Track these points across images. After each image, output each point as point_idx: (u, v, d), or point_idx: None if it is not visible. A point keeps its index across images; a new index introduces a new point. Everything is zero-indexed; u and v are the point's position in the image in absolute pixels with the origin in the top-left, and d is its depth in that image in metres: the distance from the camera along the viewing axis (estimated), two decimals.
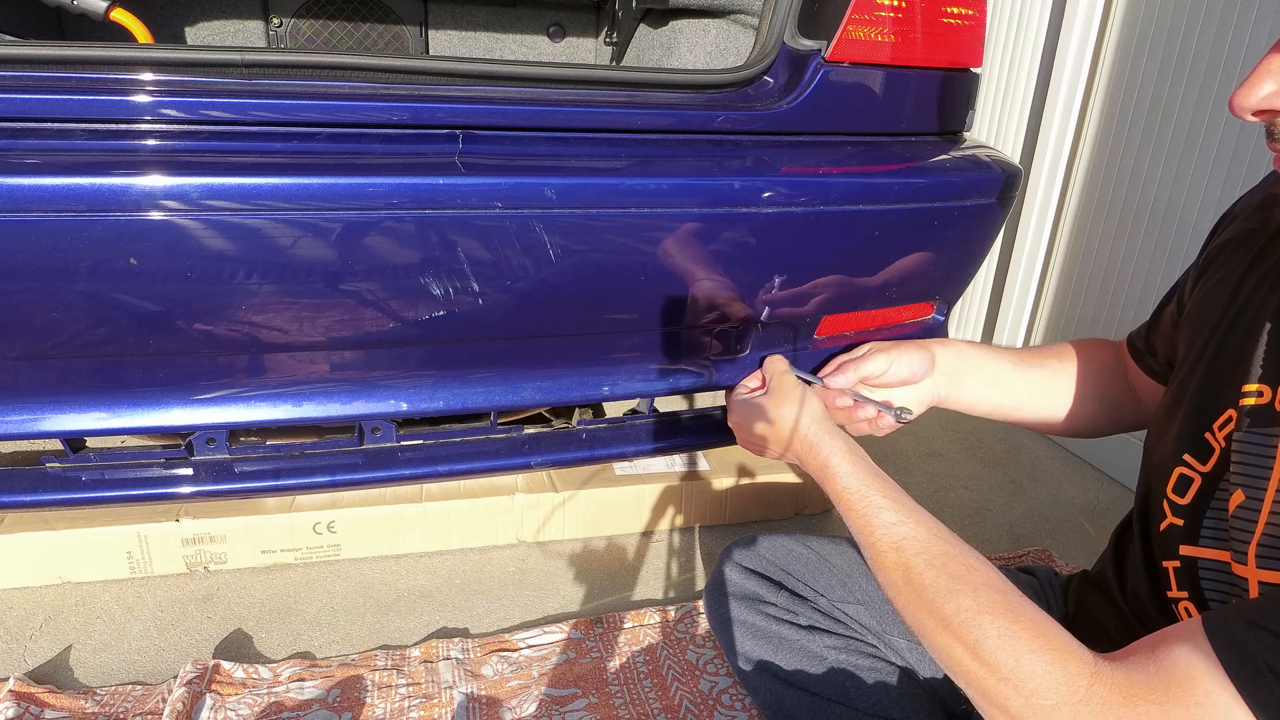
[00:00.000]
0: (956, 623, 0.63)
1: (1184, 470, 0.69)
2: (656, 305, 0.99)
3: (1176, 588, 0.70)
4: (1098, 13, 1.82)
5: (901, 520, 0.73)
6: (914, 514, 0.74)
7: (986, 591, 0.64)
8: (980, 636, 0.61)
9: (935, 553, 0.69)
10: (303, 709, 1.05)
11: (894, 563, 0.71)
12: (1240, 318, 0.69)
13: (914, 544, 0.71)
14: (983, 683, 0.60)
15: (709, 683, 1.13)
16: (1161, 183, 1.71)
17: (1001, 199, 1.11)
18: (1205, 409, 0.69)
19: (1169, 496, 0.71)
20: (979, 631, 0.61)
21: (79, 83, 0.80)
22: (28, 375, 0.89)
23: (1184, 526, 0.68)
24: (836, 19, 0.98)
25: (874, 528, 0.74)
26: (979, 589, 0.64)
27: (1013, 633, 0.60)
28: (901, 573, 0.70)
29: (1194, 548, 0.67)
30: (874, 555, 0.73)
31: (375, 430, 1.07)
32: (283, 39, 1.90)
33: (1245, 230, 0.74)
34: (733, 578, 1.00)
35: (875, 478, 0.80)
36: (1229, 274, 0.73)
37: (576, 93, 0.95)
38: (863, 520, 0.76)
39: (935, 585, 0.66)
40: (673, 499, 1.49)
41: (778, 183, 0.95)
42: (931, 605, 0.65)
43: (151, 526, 1.28)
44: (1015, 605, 0.63)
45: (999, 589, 0.65)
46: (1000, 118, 2.16)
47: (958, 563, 0.68)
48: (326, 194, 0.80)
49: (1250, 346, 0.65)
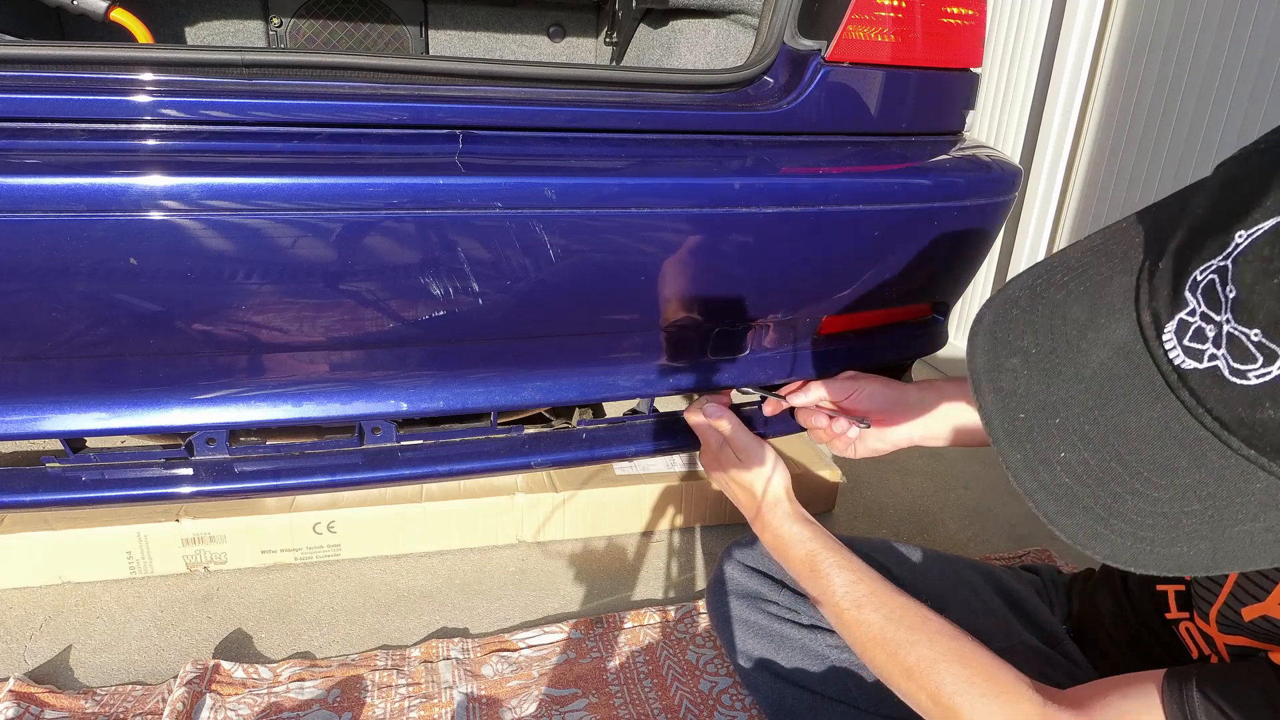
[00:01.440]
0: (918, 671, 0.68)
1: None
2: (656, 305, 0.99)
3: (1176, 609, 0.72)
4: (1098, 13, 1.82)
5: (857, 580, 0.78)
6: (866, 573, 0.79)
7: (941, 640, 0.69)
8: (939, 683, 0.66)
9: (892, 607, 0.74)
10: (303, 709, 1.05)
11: (855, 620, 0.75)
12: None
13: (872, 600, 0.75)
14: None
15: (709, 683, 1.13)
16: (1161, 183, 1.71)
17: (1001, 199, 1.11)
18: None
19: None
20: (938, 679, 0.66)
21: (79, 83, 0.80)
22: (28, 375, 0.89)
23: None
24: (836, 19, 0.98)
25: (834, 589, 0.78)
26: (934, 638, 0.69)
27: (966, 678, 0.65)
28: (863, 629, 0.74)
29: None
30: (836, 615, 0.77)
31: (375, 430, 1.07)
32: (283, 39, 1.90)
33: None
34: (734, 576, 1.00)
35: (829, 543, 0.84)
36: None
37: (576, 93, 0.95)
38: (824, 583, 0.79)
39: (895, 638, 0.71)
40: (673, 499, 1.49)
41: (778, 183, 0.95)
42: (894, 657, 0.70)
43: (151, 526, 1.28)
44: (968, 652, 0.67)
45: (952, 636, 0.69)
46: (1000, 118, 2.16)
47: (913, 614, 0.72)
48: (326, 194, 0.80)
49: None
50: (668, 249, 0.94)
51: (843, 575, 0.78)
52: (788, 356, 1.15)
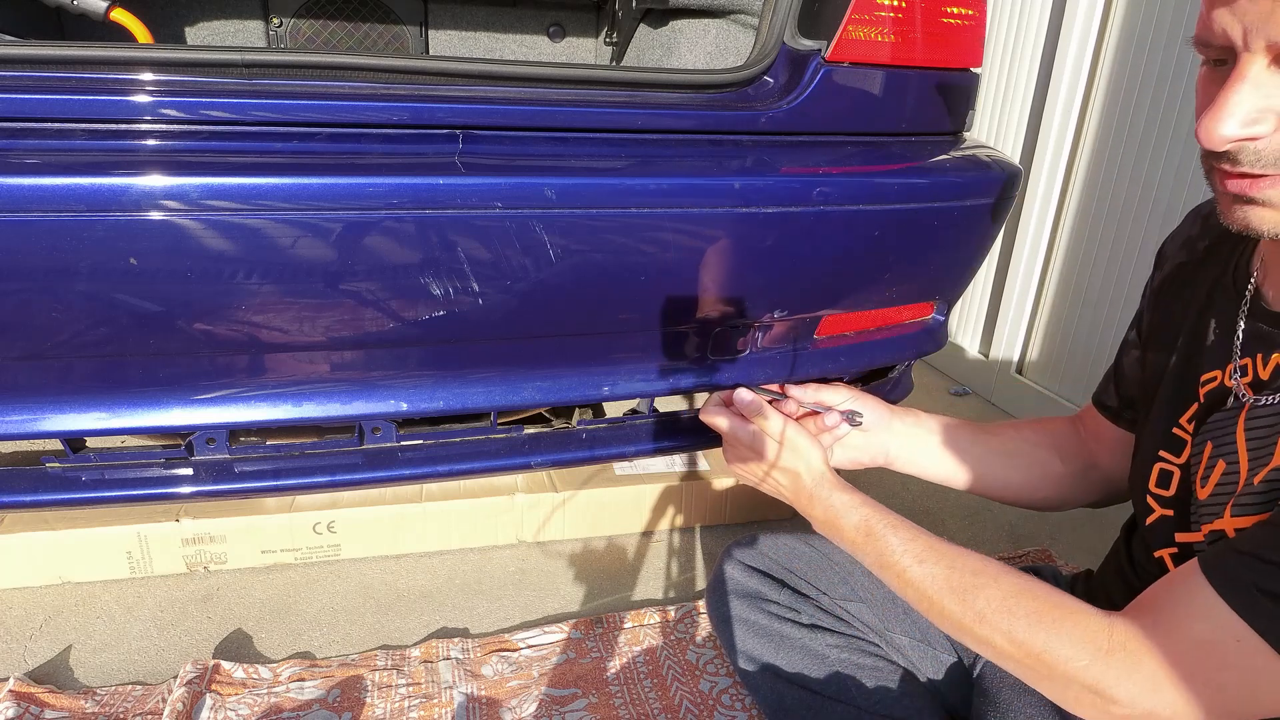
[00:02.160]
0: (989, 613, 0.68)
1: (1163, 465, 0.75)
2: (656, 305, 0.99)
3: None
4: (1098, 13, 1.82)
5: (913, 537, 0.78)
6: (918, 529, 0.79)
7: (1006, 578, 0.70)
8: (1011, 622, 0.67)
9: (952, 556, 0.74)
10: (303, 709, 1.05)
11: (921, 574, 0.75)
12: (1190, 327, 0.77)
13: (931, 553, 0.75)
14: (1026, 663, 0.66)
15: (709, 683, 1.13)
16: (1161, 183, 1.71)
17: (1001, 199, 1.11)
18: (1173, 408, 0.75)
19: (1152, 491, 0.75)
20: (1009, 617, 0.67)
21: (79, 83, 0.80)
22: (28, 375, 0.89)
23: (1174, 517, 0.72)
24: (836, 19, 0.98)
25: (893, 548, 0.78)
26: (999, 578, 0.70)
27: (1035, 611, 0.66)
28: (931, 581, 0.74)
29: (1188, 534, 0.71)
30: (899, 573, 0.77)
31: (375, 430, 1.07)
32: (283, 39, 1.90)
33: (1177, 264, 0.83)
34: (734, 576, 1.00)
35: (877, 506, 0.83)
36: (1173, 301, 0.82)
37: (576, 93, 0.95)
38: (880, 544, 0.79)
39: (963, 584, 0.71)
40: (673, 499, 1.49)
41: (778, 183, 0.95)
42: (965, 602, 0.70)
43: (151, 526, 1.28)
44: (1031, 586, 0.69)
45: (1013, 574, 0.71)
46: (1000, 118, 2.16)
47: (973, 560, 0.73)
48: (326, 194, 0.80)
49: (1200, 345, 0.74)
50: (668, 249, 0.94)
51: (898, 534, 0.78)
52: (788, 356, 1.15)
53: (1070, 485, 0.95)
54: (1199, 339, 0.75)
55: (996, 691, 0.81)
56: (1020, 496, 0.97)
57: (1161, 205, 1.71)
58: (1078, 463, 0.95)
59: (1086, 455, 0.95)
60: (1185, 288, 0.81)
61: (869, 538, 0.80)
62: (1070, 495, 0.96)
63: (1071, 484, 0.95)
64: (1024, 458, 0.96)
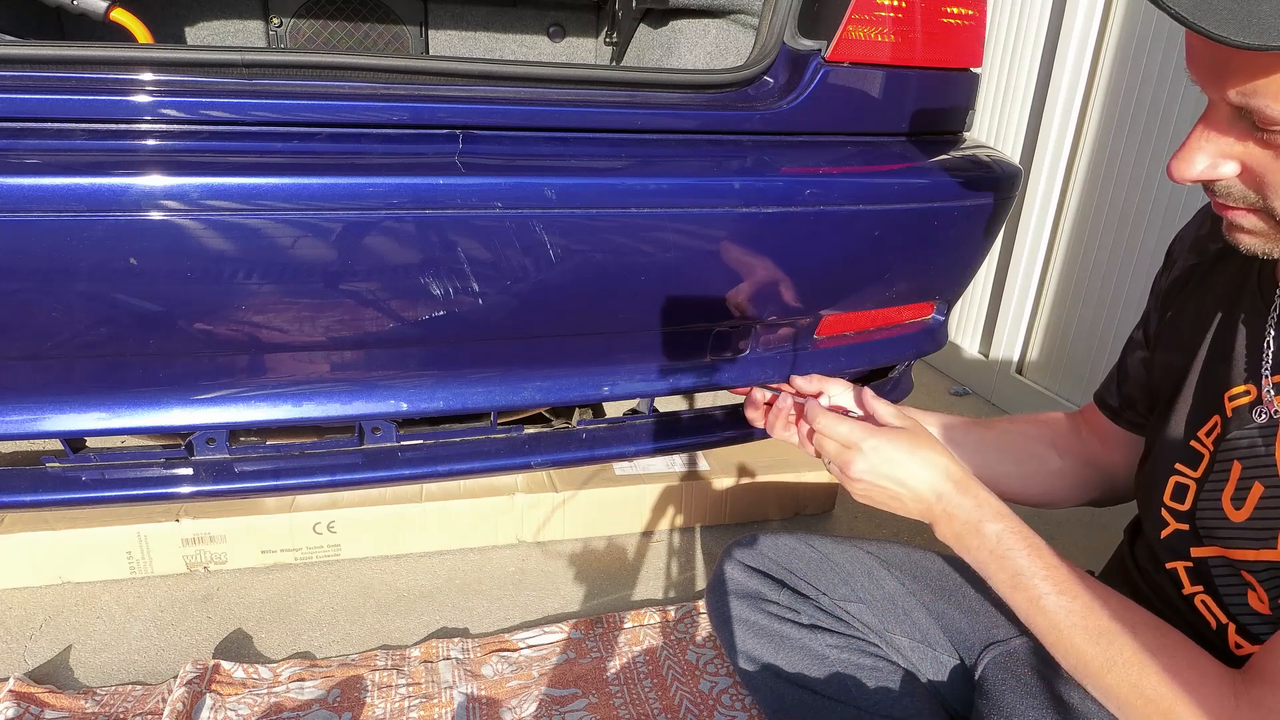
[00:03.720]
0: (1120, 664, 0.65)
1: (1178, 479, 0.73)
2: (656, 305, 0.99)
3: (1190, 584, 0.72)
4: (1098, 13, 1.82)
5: (1056, 565, 0.71)
6: (1056, 556, 0.73)
7: (1145, 631, 0.66)
8: (1141, 678, 0.64)
9: (1093, 593, 0.69)
10: (303, 709, 1.05)
11: (1055, 606, 0.69)
12: (1214, 336, 0.74)
13: (1072, 585, 0.70)
14: (1149, 717, 0.64)
15: (709, 683, 1.13)
16: (1161, 183, 1.71)
17: (1001, 199, 1.11)
18: (1192, 420, 0.73)
19: (1168, 505, 0.74)
20: (1141, 673, 0.64)
21: (79, 83, 0.80)
22: (28, 375, 0.89)
23: (1188, 531, 0.71)
24: (836, 19, 0.98)
25: (1026, 573, 0.71)
26: (1137, 628, 0.66)
27: (1170, 669, 0.63)
28: (1064, 616, 0.69)
29: (1201, 548, 0.70)
30: (1030, 601, 0.71)
31: (375, 430, 1.07)
32: (283, 39, 1.90)
33: (1188, 265, 0.81)
34: (734, 576, 1.00)
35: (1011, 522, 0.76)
36: (1186, 303, 0.79)
37: (576, 93, 0.95)
38: (1014, 566, 0.72)
39: (1099, 627, 0.67)
40: (673, 499, 1.49)
41: (778, 183, 0.95)
42: (1096, 647, 0.67)
43: (151, 526, 1.28)
44: (1167, 643, 0.65)
45: (1152, 626, 0.67)
46: (1000, 118, 2.16)
47: (1114, 602, 0.68)
48: (326, 194, 0.80)
49: (1226, 357, 0.70)
50: (668, 249, 0.94)
51: (1040, 559, 0.72)
52: (788, 356, 1.15)
53: (1067, 481, 0.95)
54: (1224, 350, 0.72)
55: (999, 694, 0.81)
56: (1016, 491, 0.97)
57: (1161, 205, 1.71)
58: (1075, 458, 0.95)
59: (1084, 452, 0.95)
60: (1199, 290, 0.79)
61: (1004, 557, 0.73)
62: (1067, 492, 0.96)
63: (1068, 480, 0.95)
64: (1020, 450, 0.96)
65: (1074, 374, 1.98)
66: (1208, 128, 0.56)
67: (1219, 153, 0.56)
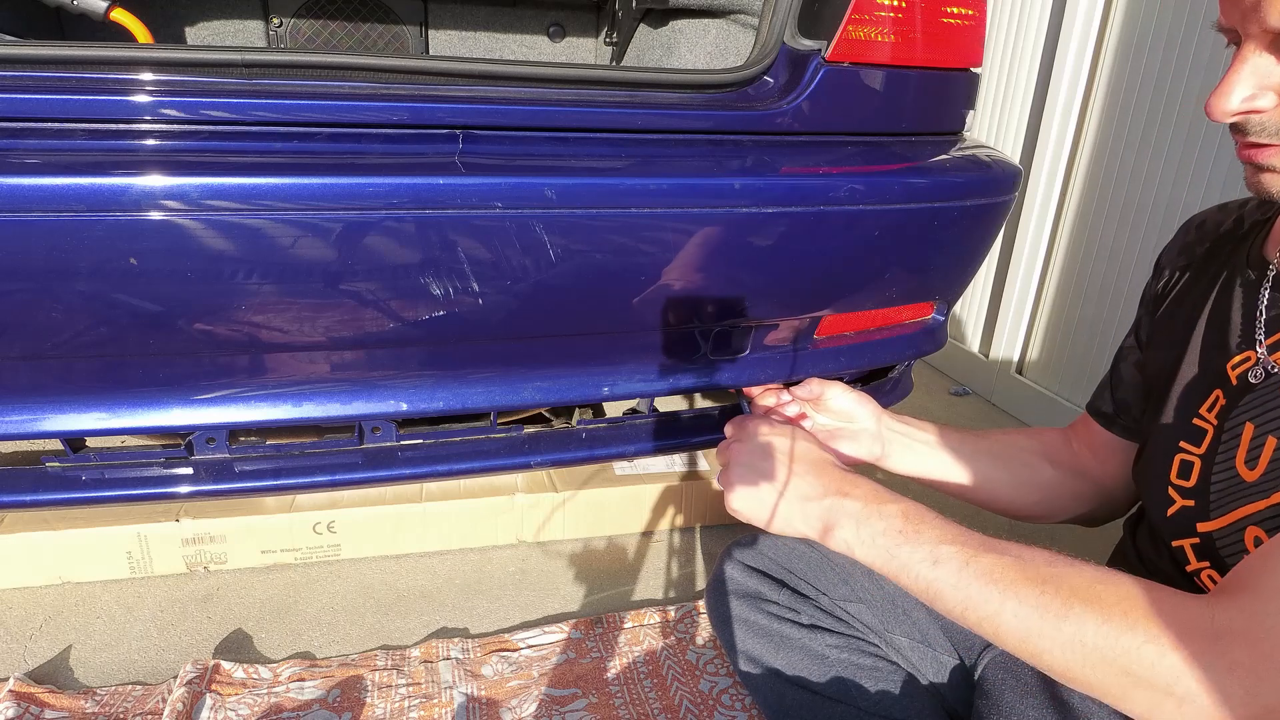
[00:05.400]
0: (1077, 602, 0.60)
1: (1183, 457, 0.74)
2: (656, 305, 0.99)
3: (1195, 560, 0.73)
4: (1098, 13, 1.82)
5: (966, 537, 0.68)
6: (971, 533, 0.69)
7: (1085, 568, 0.62)
8: (1101, 609, 0.59)
9: (1019, 548, 0.66)
10: (303, 709, 1.05)
11: (990, 563, 0.65)
12: (1209, 322, 0.76)
13: (996, 545, 0.66)
14: (1120, 662, 0.57)
15: (709, 683, 1.13)
16: (1161, 183, 1.71)
17: (1001, 199, 1.11)
18: (1190, 400, 0.75)
19: (1174, 483, 0.74)
20: (1099, 605, 0.59)
21: (79, 83, 0.80)
22: (28, 375, 0.89)
23: (1195, 507, 0.71)
24: (836, 19, 0.98)
25: (955, 558, 0.67)
26: (1075, 565, 0.62)
27: (1127, 595, 0.59)
28: (1001, 570, 0.63)
29: (1208, 523, 0.70)
30: (959, 569, 0.66)
31: (375, 430, 1.07)
32: (283, 39, 1.90)
33: (1178, 268, 0.85)
34: (734, 575, 1.00)
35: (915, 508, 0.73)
36: (1178, 304, 0.82)
37: (576, 93, 0.95)
38: (938, 559, 0.68)
39: (1039, 574, 0.62)
40: (673, 499, 1.49)
41: (778, 183, 0.95)
42: (1043, 593, 0.61)
43: (151, 526, 1.28)
44: (1116, 575, 0.61)
45: (1090, 564, 0.63)
46: (1000, 118, 2.16)
47: (1040, 554, 0.64)
48: (326, 194, 0.80)
49: (1224, 336, 0.73)
50: (668, 249, 0.94)
51: (953, 526, 0.69)
52: (788, 356, 1.15)
53: (1059, 492, 0.96)
54: (1221, 326, 0.74)
55: (999, 694, 0.81)
56: (1009, 500, 0.97)
57: (1161, 205, 1.71)
58: (1066, 470, 0.96)
59: (1076, 464, 0.96)
60: (1190, 286, 0.81)
61: (917, 533, 0.70)
62: (1059, 503, 0.96)
63: (1060, 491, 0.95)
64: (1013, 460, 0.96)
65: (1074, 374, 1.98)
66: (1243, 65, 0.59)
67: (1258, 84, 0.59)
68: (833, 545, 0.76)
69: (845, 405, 0.98)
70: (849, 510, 0.75)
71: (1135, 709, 0.58)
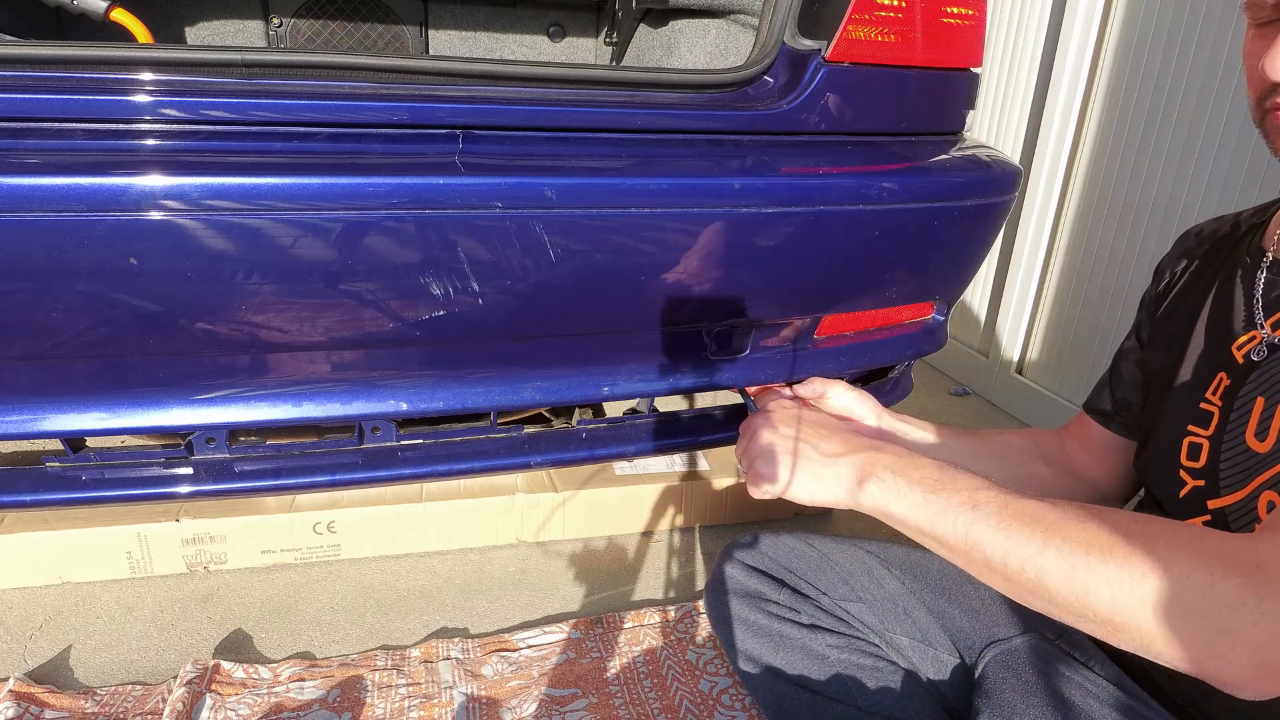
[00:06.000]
0: (1123, 536, 0.58)
1: (1192, 440, 0.76)
2: (656, 305, 0.99)
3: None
4: (1098, 13, 1.82)
5: (1001, 487, 0.66)
6: (1003, 485, 0.67)
7: (1119, 513, 0.61)
8: (1146, 543, 0.56)
9: (1053, 500, 0.64)
10: (303, 709, 1.05)
11: (1025, 507, 0.63)
12: (1212, 312, 0.79)
13: (1036, 503, 0.63)
14: (1169, 595, 0.55)
15: (709, 683, 1.13)
16: (1161, 183, 1.71)
17: (1001, 199, 1.11)
18: (1195, 385, 0.77)
19: (1185, 465, 0.76)
20: (1144, 540, 0.57)
21: (79, 83, 0.80)
22: (28, 375, 0.89)
23: (1206, 485, 0.73)
24: (836, 19, 0.98)
25: (992, 503, 0.64)
26: (1107, 511, 0.61)
27: (1170, 530, 0.57)
28: (1056, 525, 0.61)
29: (1220, 499, 0.71)
30: (1010, 524, 0.63)
31: (375, 430, 1.07)
32: (283, 39, 1.90)
33: (1177, 269, 0.87)
34: (734, 575, 1.00)
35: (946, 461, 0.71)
36: (1180, 301, 0.84)
37: (576, 93, 0.95)
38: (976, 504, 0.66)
39: (1078, 513, 0.60)
40: (673, 499, 1.49)
41: (778, 183, 0.95)
42: (1089, 528, 0.59)
43: (151, 526, 1.28)
44: (1152, 516, 0.61)
45: (1129, 515, 0.61)
46: (1000, 118, 2.16)
47: (1077, 511, 0.62)
48: (326, 194, 0.80)
49: (1228, 322, 0.76)
50: (668, 249, 0.94)
51: (984, 477, 0.68)
52: (788, 356, 1.15)
53: (1054, 492, 0.95)
54: (1225, 311, 0.76)
55: (999, 693, 0.81)
56: None
57: (1161, 205, 1.71)
58: (1060, 470, 0.96)
59: (1070, 464, 0.96)
60: (1192, 286, 0.84)
61: (953, 478, 0.68)
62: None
63: (1055, 491, 0.95)
64: (1008, 459, 0.97)
65: (1074, 374, 1.98)
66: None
67: None
68: (865, 500, 0.73)
69: (846, 404, 0.98)
70: (884, 462, 0.73)
71: (1186, 648, 0.54)
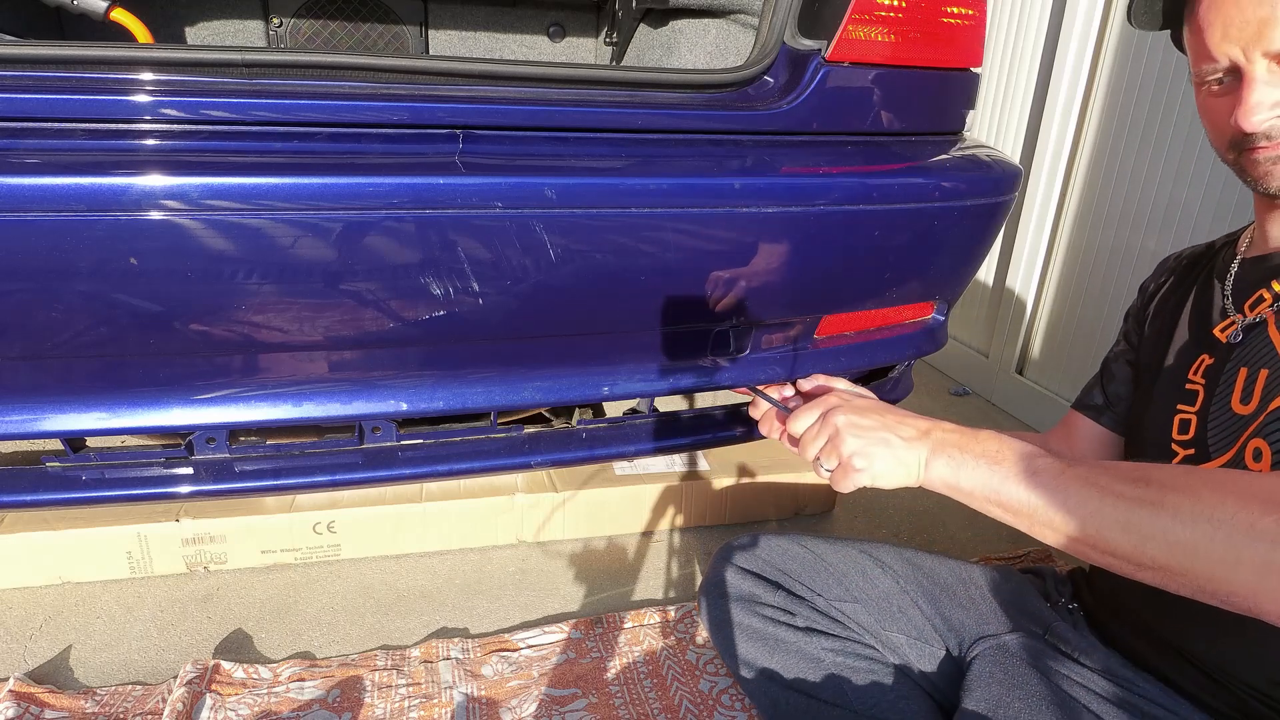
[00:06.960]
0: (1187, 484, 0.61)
1: (1182, 416, 0.82)
2: (656, 305, 0.99)
3: None
4: (1098, 13, 1.82)
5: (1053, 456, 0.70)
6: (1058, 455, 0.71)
7: (1175, 474, 0.63)
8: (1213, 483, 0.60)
9: (1108, 462, 0.68)
10: (303, 709, 1.06)
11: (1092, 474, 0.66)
12: (1191, 310, 0.86)
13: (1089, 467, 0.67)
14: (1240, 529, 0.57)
15: (709, 683, 1.13)
16: (1161, 183, 1.71)
17: (1001, 199, 1.11)
18: (1178, 369, 0.84)
19: (1176, 439, 0.82)
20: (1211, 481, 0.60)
21: (79, 83, 0.80)
22: (28, 375, 0.89)
23: (1196, 453, 0.79)
24: (836, 19, 0.98)
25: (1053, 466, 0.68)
26: (1173, 472, 0.64)
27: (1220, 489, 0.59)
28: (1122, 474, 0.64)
29: (1210, 463, 0.76)
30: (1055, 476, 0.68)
31: (375, 430, 1.07)
32: (283, 39, 1.90)
33: (1161, 281, 0.95)
34: (730, 578, 1.00)
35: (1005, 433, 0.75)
36: (1163, 307, 0.92)
37: (576, 93, 0.95)
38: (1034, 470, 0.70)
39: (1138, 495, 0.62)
40: (673, 499, 1.49)
41: (778, 183, 0.95)
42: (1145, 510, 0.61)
43: (151, 526, 1.28)
44: (1201, 471, 0.63)
45: (1171, 468, 0.66)
46: (1000, 118, 2.16)
47: (1126, 470, 0.65)
48: (326, 194, 0.80)
49: (1208, 313, 0.83)
50: (668, 249, 0.94)
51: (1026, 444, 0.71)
52: (788, 356, 1.15)
53: None
54: (1206, 303, 0.84)
55: (984, 686, 0.82)
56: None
57: (1161, 205, 1.71)
58: None
59: None
60: (1174, 291, 0.91)
61: (1013, 445, 0.71)
62: None
63: None
64: None
65: (1074, 374, 1.98)
66: (1257, 83, 0.69)
67: (1274, 98, 0.69)
68: (933, 477, 0.75)
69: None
70: (950, 440, 0.74)
71: (1241, 585, 0.56)
